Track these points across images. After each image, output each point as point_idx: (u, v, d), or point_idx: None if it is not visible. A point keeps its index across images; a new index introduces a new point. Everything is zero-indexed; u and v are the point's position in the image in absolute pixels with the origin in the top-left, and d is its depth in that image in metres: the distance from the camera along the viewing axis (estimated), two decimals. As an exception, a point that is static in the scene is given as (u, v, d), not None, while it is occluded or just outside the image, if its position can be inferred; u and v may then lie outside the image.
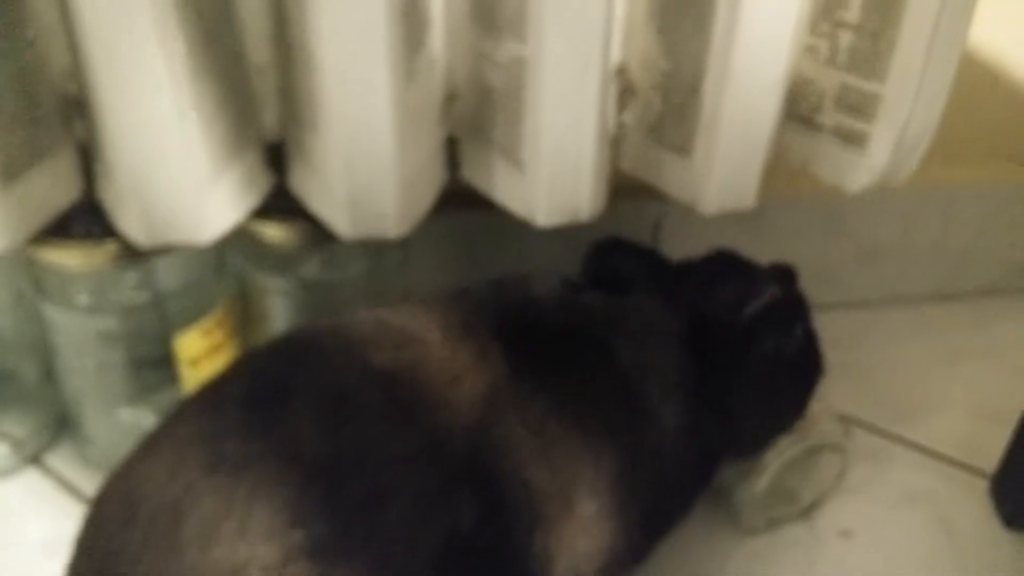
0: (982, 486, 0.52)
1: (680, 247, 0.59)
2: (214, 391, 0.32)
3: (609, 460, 0.35)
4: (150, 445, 0.32)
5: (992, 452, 0.51)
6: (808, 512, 0.49)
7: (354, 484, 0.29)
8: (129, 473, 0.31)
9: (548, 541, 0.33)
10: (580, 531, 0.34)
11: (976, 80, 0.59)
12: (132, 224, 0.38)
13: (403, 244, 0.49)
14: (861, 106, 0.41)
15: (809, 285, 0.65)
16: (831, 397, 0.57)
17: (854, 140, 0.41)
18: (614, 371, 0.37)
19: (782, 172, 0.48)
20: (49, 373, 0.49)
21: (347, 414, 0.31)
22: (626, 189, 0.52)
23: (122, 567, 0.29)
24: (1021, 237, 0.65)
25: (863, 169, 0.41)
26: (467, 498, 0.31)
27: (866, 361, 0.60)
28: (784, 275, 0.44)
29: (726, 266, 0.43)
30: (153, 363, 0.47)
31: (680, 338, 0.39)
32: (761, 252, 0.63)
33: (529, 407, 0.33)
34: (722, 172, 0.41)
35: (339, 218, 0.39)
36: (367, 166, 0.37)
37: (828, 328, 0.64)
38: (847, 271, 0.63)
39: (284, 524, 0.28)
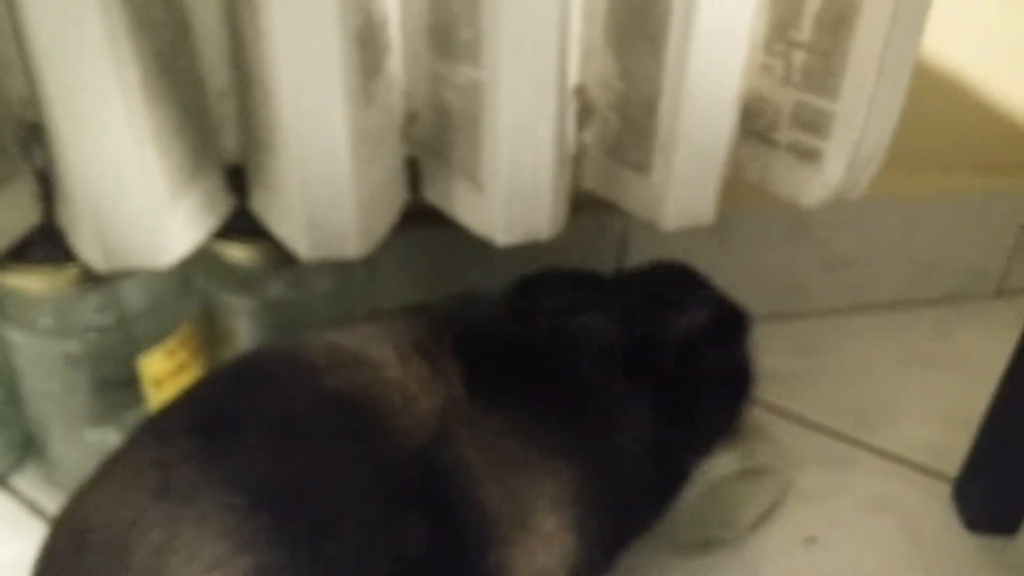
0: (946, 491, 0.53)
1: (648, 258, 0.60)
2: (164, 420, 0.33)
3: (566, 477, 0.35)
4: (101, 475, 0.32)
5: (956, 457, 0.52)
6: (744, 536, 0.48)
7: (301, 511, 0.29)
8: (80, 503, 0.31)
9: (504, 559, 0.33)
10: (538, 548, 0.34)
11: (936, 93, 0.60)
12: (90, 249, 0.38)
13: (369, 262, 0.50)
14: (815, 123, 0.42)
15: (775, 294, 0.66)
16: (797, 404, 0.58)
17: (809, 156, 0.42)
18: (568, 389, 0.37)
19: (745, 184, 0.48)
20: (13, 396, 0.49)
21: (295, 441, 0.31)
22: (591, 204, 0.53)
23: None
24: (982, 245, 0.66)
25: (818, 185, 0.42)
26: (415, 523, 0.31)
27: (831, 368, 0.61)
28: (724, 301, 0.44)
29: (667, 281, 0.44)
30: (118, 384, 0.46)
31: (627, 355, 0.39)
32: (727, 263, 0.63)
33: (483, 427, 0.34)
34: (680, 189, 0.41)
35: (299, 239, 0.39)
36: (325, 188, 0.37)
37: (794, 336, 0.65)
38: (812, 280, 0.64)
39: (231, 552, 0.28)
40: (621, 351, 0.39)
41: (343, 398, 0.32)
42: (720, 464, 0.45)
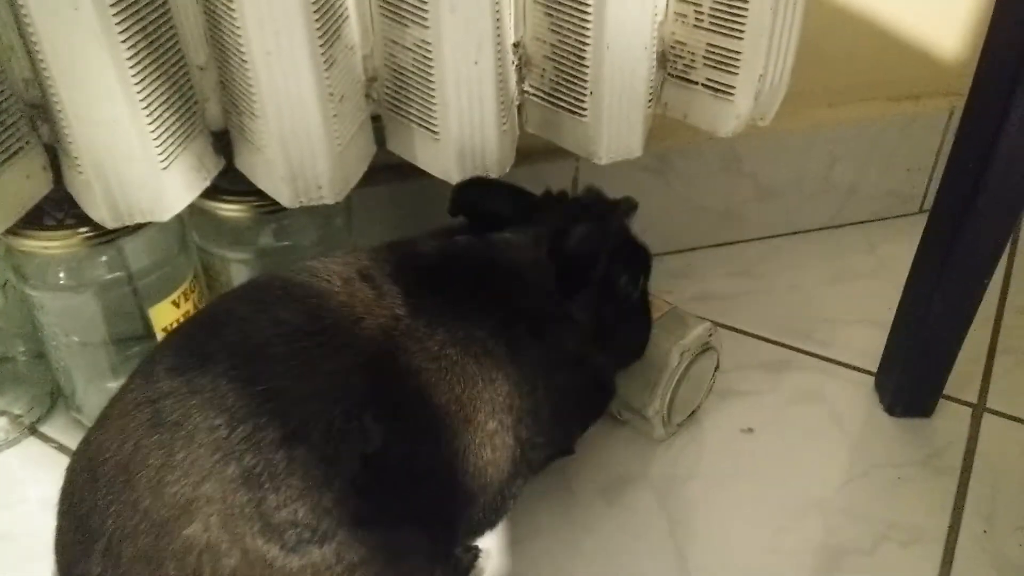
0: (870, 383, 0.60)
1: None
2: (149, 365, 0.37)
3: (502, 385, 0.40)
4: (103, 418, 0.37)
5: (879, 355, 0.59)
6: (696, 412, 0.56)
7: (271, 423, 0.34)
8: (89, 444, 0.37)
9: (456, 450, 0.38)
10: (485, 443, 0.40)
11: (852, 29, 0.66)
12: (99, 209, 0.43)
13: (346, 212, 0.56)
14: (725, 61, 0.47)
15: (712, 224, 0.73)
16: (736, 319, 0.65)
17: (722, 91, 0.48)
18: (498, 311, 0.41)
19: (681, 126, 0.54)
20: (39, 354, 0.55)
21: (258, 367, 0.35)
22: (544, 150, 0.58)
23: (95, 521, 0.34)
24: (904, 168, 0.73)
25: (731, 116, 0.48)
26: (371, 423, 0.36)
27: (768, 287, 0.68)
28: (629, 207, 0.49)
29: (580, 204, 0.48)
30: (133, 339, 0.52)
31: (549, 273, 0.43)
32: (668, 198, 0.70)
33: (427, 340, 0.38)
34: (610, 127, 0.47)
35: (281, 190, 0.45)
36: (301, 143, 0.43)
37: (734, 260, 0.72)
38: (747, 209, 0.70)
39: (218, 463, 0.33)
40: (544, 269, 0.43)
41: (297, 327, 0.37)
42: (676, 362, 0.52)
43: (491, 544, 0.48)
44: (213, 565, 0.33)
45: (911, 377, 0.57)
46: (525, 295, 0.42)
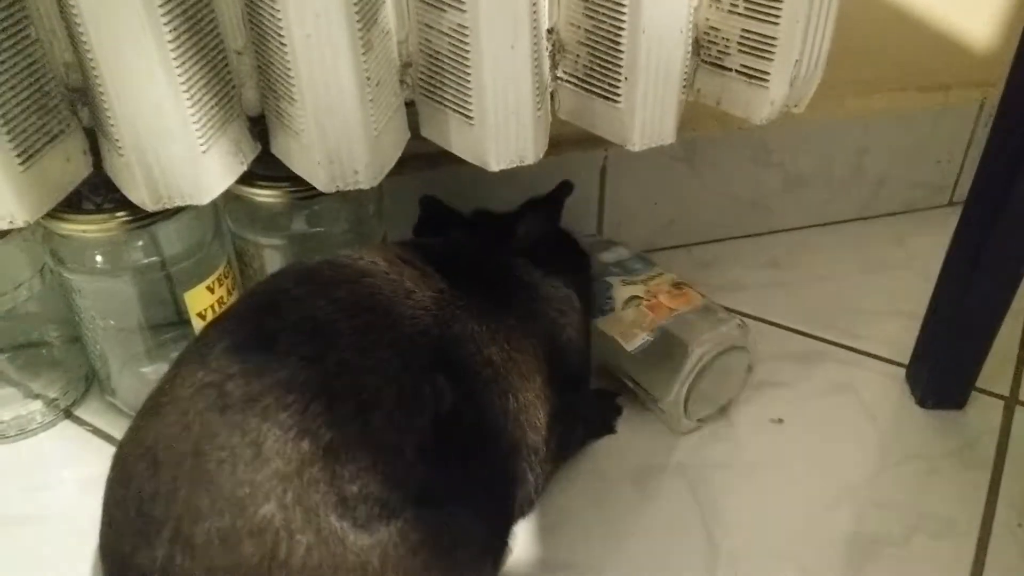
0: (901, 375, 0.59)
1: (626, 184, 0.66)
2: (201, 349, 0.37)
3: (538, 344, 0.44)
4: (154, 407, 0.36)
5: (910, 346, 0.58)
6: (726, 409, 0.56)
7: (345, 398, 0.35)
8: (142, 435, 0.35)
9: (519, 405, 0.41)
10: (537, 399, 0.42)
11: (885, 18, 0.65)
12: (139, 192, 0.44)
13: (379, 200, 0.56)
14: (760, 47, 0.47)
15: (741, 214, 0.72)
16: (765, 310, 0.65)
17: (756, 77, 0.48)
18: (516, 287, 0.47)
19: (711, 115, 0.54)
20: (74, 338, 0.55)
21: (324, 343, 0.36)
22: (574, 138, 0.59)
23: (158, 506, 0.33)
24: (934, 159, 0.72)
25: (765, 103, 0.48)
26: (443, 384, 0.37)
27: (798, 278, 0.68)
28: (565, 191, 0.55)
29: (490, 216, 0.55)
30: (168, 325, 0.53)
31: (541, 255, 0.50)
32: (698, 186, 0.70)
33: (471, 306, 0.41)
34: (643, 114, 0.47)
35: (318, 174, 0.45)
36: (338, 127, 0.43)
37: (762, 251, 0.72)
38: (776, 200, 0.70)
39: (293, 439, 0.33)
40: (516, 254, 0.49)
41: (354, 303, 0.38)
42: (699, 355, 0.52)
43: (521, 528, 0.48)
44: (289, 543, 0.33)
45: (943, 369, 0.56)
46: (518, 281, 0.47)
